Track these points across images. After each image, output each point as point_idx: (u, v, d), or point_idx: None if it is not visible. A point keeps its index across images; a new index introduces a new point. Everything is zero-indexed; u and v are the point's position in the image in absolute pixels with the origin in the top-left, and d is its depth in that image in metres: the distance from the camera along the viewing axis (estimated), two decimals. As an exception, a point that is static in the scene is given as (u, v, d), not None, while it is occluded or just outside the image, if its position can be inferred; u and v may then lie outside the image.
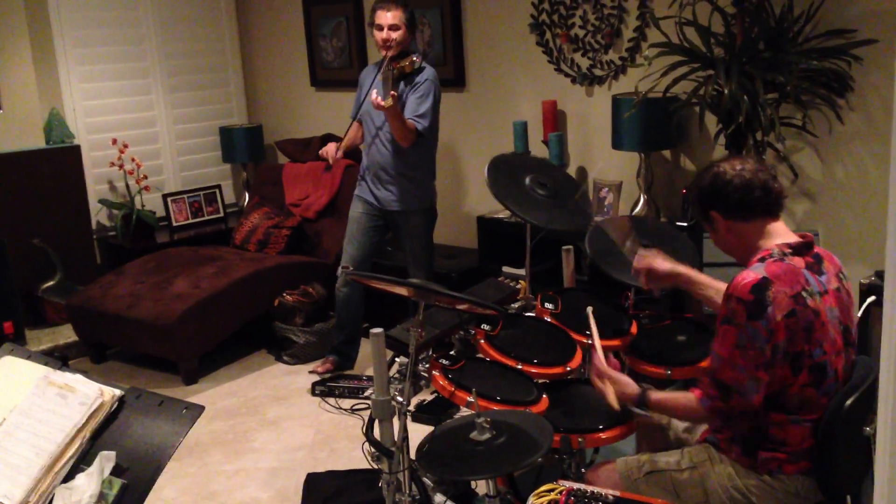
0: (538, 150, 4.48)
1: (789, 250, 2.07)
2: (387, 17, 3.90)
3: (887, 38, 3.33)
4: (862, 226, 3.57)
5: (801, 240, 2.11)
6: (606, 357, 2.39)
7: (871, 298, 2.75)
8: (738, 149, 3.45)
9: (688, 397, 2.13)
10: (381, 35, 3.92)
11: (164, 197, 5.57)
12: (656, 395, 2.21)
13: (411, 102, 3.92)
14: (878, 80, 3.41)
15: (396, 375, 2.75)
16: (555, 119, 4.41)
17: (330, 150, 4.23)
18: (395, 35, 3.89)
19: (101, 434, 1.92)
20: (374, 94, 3.73)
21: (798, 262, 2.06)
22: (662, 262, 2.48)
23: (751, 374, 1.99)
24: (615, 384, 2.25)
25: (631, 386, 2.23)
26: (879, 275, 2.78)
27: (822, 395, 2.04)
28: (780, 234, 2.12)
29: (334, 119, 5.42)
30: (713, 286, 2.40)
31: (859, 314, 2.72)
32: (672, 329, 2.89)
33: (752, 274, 2.01)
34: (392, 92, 3.69)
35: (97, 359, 4.75)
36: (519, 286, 3.02)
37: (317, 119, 5.67)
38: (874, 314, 2.76)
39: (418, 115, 3.92)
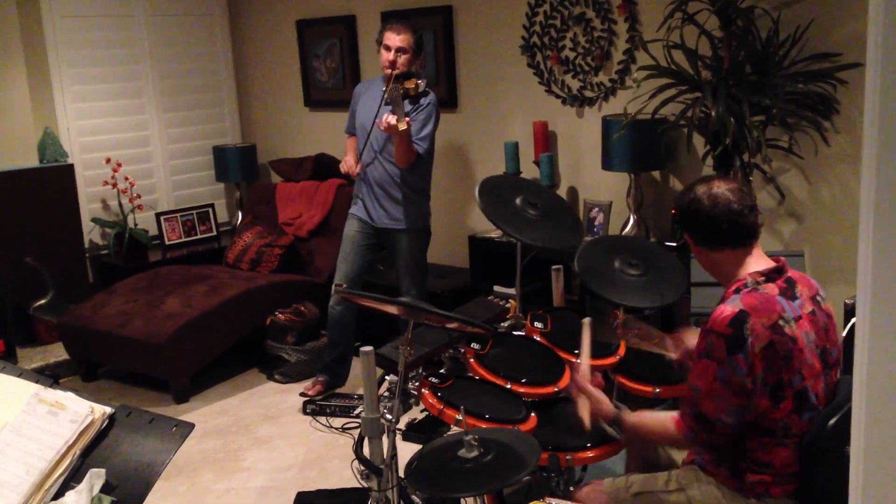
0: (529, 170, 4.52)
1: (762, 278, 2.08)
2: (395, 39, 3.96)
3: (872, 61, 3.37)
4: (847, 246, 3.60)
5: (773, 265, 2.13)
6: (592, 374, 2.40)
7: (856, 318, 2.77)
8: (726, 170, 3.49)
9: (666, 425, 2.13)
10: (387, 56, 3.97)
11: (157, 216, 5.59)
12: (632, 417, 2.22)
13: (415, 125, 3.97)
14: (863, 103, 3.44)
15: (386, 393, 2.76)
16: (546, 140, 4.45)
17: (352, 164, 4.17)
18: (401, 58, 3.95)
19: (91, 451, 1.93)
20: (387, 115, 3.76)
21: (771, 289, 2.07)
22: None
23: (730, 403, 2.01)
24: (592, 401, 2.26)
25: (607, 404, 2.25)
26: (864, 295, 2.81)
27: (804, 420, 2.06)
28: (754, 261, 2.13)
29: (328, 139, 5.46)
30: None
31: (844, 334, 2.75)
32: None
33: (728, 308, 2.02)
34: (406, 118, 3.75)
35: (88, 377, 4.75)
36: (508, 305, 3.04)
37: (310, 139, 5.70)
38: (859, 334, 2.78)
39: (420, 137, 3.97)
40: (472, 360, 2.58)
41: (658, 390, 2.67)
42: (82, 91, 5.30)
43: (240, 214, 5.78)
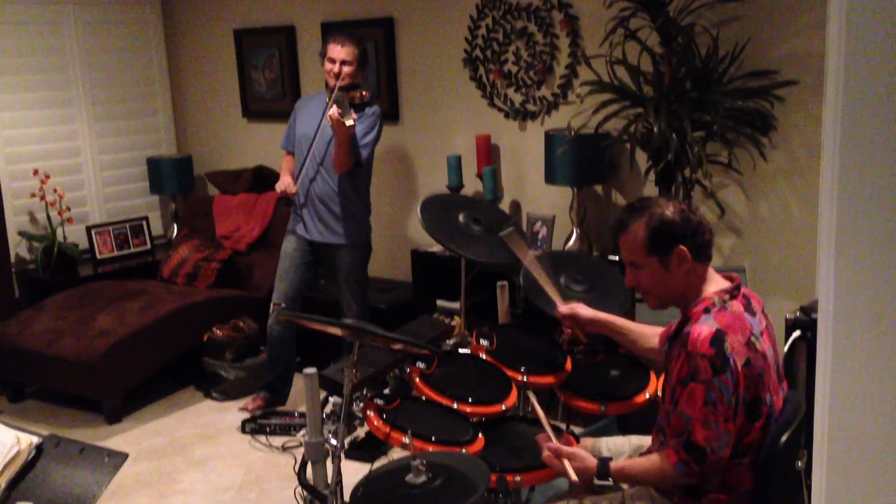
0: (472, 184, 4.50)
1: (727, 296, 2.08)
2: (339, 51, 3.91)
3: (807, 79, 3.45)
4: (786, 261, 3.66)
5: (731, 283, 2.14)
6: (560, 436, 2.31)
7: (797, 333, 2.80)
8: (668, 185, 3.52)
9: (654, 462, 2.05)
10: (331, 67, 3.92)
11: (88, 229, 5.40)
12: (617, 463, 2.13)
13: (357, 132, 3.90)
14: (799, 120, 3.52)
15: (330, 412, 2.70)
16: (488, 153, 4.44)
17: (289, 182, 4.08)
18: (346, 69, 3.90)
19: (17, 484, 1.84)
20: (333, 109, 3.69)
21: (737, 306, 2.07)
22: (585, 309, 2.52)
23: (723, 430, 1.97)
24: (573, 460, 2.16)
25: (589, 459, 2.15)
26: (804, 310, 2.85)
27: (764, 436, 2.05)
28: (714, 278, 2.15)
29: (266, 151, 5.36)
30: (635, 330, 2.43)
31: (785, 349, 2.78)
32: (606, 364, 2.91)
33: (704, 328, 1.99)
34: (353, 114, 3.69)
35: (14, 398, 4.55)
36: (454, 323, 3.01)
37: (249, 151, 5.59)
38: (799, 348, 2.82)
39: (361, 144, 3.92)
40: (417, 379, 2.53)
41: (604, 408, 2.66)
42: (9, 100, 5.10)
43: (175, 227, 5.62)
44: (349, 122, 3.66)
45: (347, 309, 4.15)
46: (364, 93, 3.94)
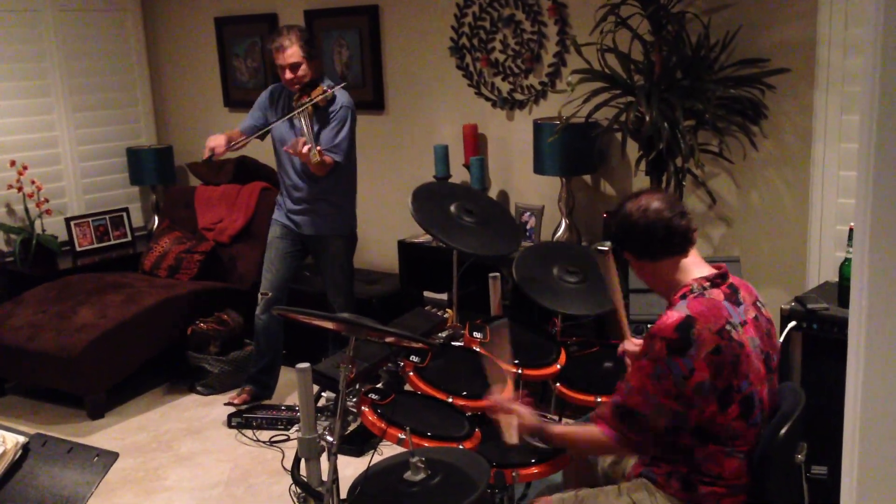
0: (459, 173, 4.45)
1: (707, 283, 2.09)
2: (286, 56, 3.81)
3: (798, 67, 3.43)
4: (777, 251, 3.65)
5: (716, 271, 2.13)
6: (518, 389, 2.36)
7: (792, 324, 2.79)
8: (659, 174, 3.49)
9: (592, 432, 2.10)
10: (286, 76, 3.84)
11: (67, 220, 5.30)
12: (558, 428, 2.22)
13: (326, 134, 3.84)
14: (790, 109, 3.50)
15: (322, 407, 2.65)
16: (476, 143, 4.39)
17: (220, 143, 3.98)
18: (299, 73, 3.83)
19: (2, 485, 1.78)
20: (300, 143, 3.67)
21: (717, 294, 2.07)
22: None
23: (658, 401, 2.00)
24: (518, 416, 2.21)
25: (532, 418, 2.21)
26: (799, 300, 2.84)
27: (750, 425, 2.05)
28: (695, 267, 2.14)
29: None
30: None
31: (780, 340, 2.77)
32: (599, 356, 2.89)
33: (675, 314, 2.02)
34: (318, 147, 3.66)
35: (-6, 394, 4.48)
36: (446, 315, 2.97)
37: (230, 140, 5.50)
38: (794, 339, 2.80)
39: (334, 145, 3.84)
40: (411, 373, 2.49)
41: (599, 400, 2.64)
42: (-16, 89, 4.99)
43: (156, 219, 5.54)
44: (315, 160, 3.66)
45: (333, 301, 4.10)
46: (325, 88, 3.83)
